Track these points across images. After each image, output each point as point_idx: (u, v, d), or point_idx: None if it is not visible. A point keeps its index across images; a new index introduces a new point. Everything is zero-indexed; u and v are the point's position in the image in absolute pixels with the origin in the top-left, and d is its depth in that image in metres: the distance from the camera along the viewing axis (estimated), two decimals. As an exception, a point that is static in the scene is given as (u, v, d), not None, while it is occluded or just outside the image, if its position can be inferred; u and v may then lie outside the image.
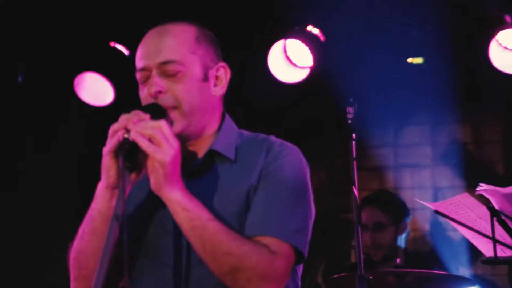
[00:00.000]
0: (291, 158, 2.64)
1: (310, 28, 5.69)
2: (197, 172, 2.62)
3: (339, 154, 6.31)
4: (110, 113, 5.43)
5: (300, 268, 2.71)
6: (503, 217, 3.65)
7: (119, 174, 2.39)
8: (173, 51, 2.58)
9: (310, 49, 5.63)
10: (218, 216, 2.49)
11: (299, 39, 5.65)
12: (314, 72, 5.66)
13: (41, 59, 5.98)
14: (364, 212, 5.27)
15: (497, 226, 3.72)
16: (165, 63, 2.56)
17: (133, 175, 2.44)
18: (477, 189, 3.62)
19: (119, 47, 5.90)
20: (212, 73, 2.65)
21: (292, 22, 5.70)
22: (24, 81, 6.13)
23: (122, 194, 2.29)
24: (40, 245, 5.85)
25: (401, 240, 5.29)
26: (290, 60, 5.75)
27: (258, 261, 2.44)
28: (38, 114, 6.21)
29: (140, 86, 2.62)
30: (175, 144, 2.40)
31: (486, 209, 3.68)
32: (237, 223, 2.53)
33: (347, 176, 4.14)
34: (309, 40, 5.64)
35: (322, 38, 5.67)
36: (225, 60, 2.73)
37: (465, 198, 3.74)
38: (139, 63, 2.61)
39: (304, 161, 2.68)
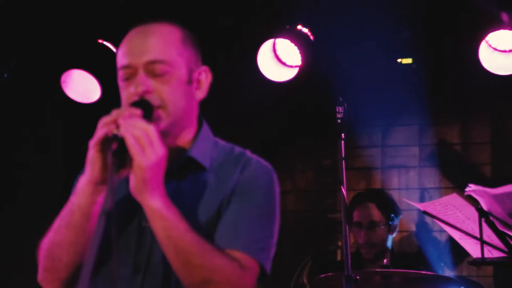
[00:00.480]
0: (266, 178, 2.65)
1: (299, 27, 5.67)
2: (171, 176, 2.58)
3: (327, 154, 6.33)
4: (97, 110, 5.40)
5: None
6: (491, 218, 3.67)
7: (104, 170, 2.37)
8: (161, 51, 2.55)
9: (299, 48, 5.61)
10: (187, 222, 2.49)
11: (289, 38, 5.63)
12: (303, 71, 5.64)
13: (29, 56, 5.93)
14: (359, 210, 5.28)
15: (485, 227, 3.73)
16: (153, 62, 2.53)
17: (120, 172, 2.39)
18: (466, 189, 3.63)
19: (107, 44, 5.86)
20: (195, 76, 2.64)
21: (282, 21, 5.68)
22: (10, 77, 6.07)
23: (111, 189, 2.22)
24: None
25: (390, 241, 5.29)
26: (279, 59, 5.73)
27: (230, 275, 2.46)
28: (24, 111, 6.18)
29: (122, 83, 2.58)
30: (160, 151, 2.35)
31: (475, 210, 3.69)
32: (205, 232, 2.52)
33: (335, 176, 4.14)
34: (298, 39, 5.63)
35: (311, 37, 5.65)
36: (211, 59, 2.72)
37: (454, 198, 3.76)
38: (123, 60, 2.57)
39: (277, 181, 2.70)
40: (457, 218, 3.79)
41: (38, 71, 5.99)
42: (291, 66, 5.70)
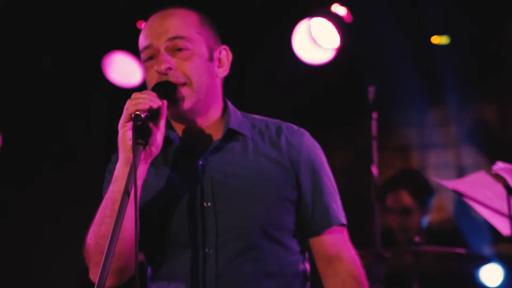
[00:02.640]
0: (316, 144, 2.79)
1: (336, 7, 5.65)
2: (218, 149, 2.68)
3: (364, 133, 6.35)
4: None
5: None
6: (519, 196, 3.68)
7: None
8: (181, 29, 2.64)
9: (336, 29, 5.59)
10: (252, 184, 2.61)
11: (326, 18, 5.60)
12: (340, 53, 5.65)
13: (69, 40, 6.04)
14: (391, 195, 5.25)
15: (514, 205, 3.74)
16: (173, 38, 2.62)
17: (148, 152, 2.48)
18: (494, 167, 3.64)
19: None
20: (215, 54, 2.73)
21: (318, 1, 5.69)
22: (52, 63, 6.19)
23: (134, 169, 2.33)
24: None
25: (425, 221, 5.28)
26: (315, 41, 5.72)
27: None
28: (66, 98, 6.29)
29: (145, 65, 2.67)
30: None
31: (502, 187, 3.71)
32: (272, 189, 2.64)
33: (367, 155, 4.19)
34: (335, 20, 5.61)
35: (348, 18, 5.63)
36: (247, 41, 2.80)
37: (482, 176, 3.78)
38: (144, 42, 2.66)
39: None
40: (485, 195, 3.81)
41: (79, 55, 6.10)
42: (327, 48, 5.69)
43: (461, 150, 6.21)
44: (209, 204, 2.60)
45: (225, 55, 2.76)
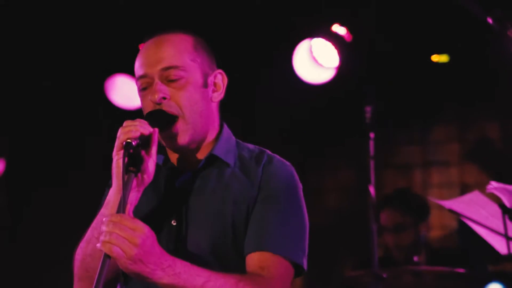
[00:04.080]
0: (288, 175, 2.74)
1: (336, 27, 5.69)
2: (198, 174, 2.71)
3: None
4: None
5: None
6: (514, 215, 3.67)
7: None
8: (175, 58, 2.66)
9: (336, 48, 5.62)
10: (216, 220, 2.62)
11: (325, 39, 5.64)
12: (340, 72, 5.67)
13: (71, 61, 6.09)
14: (384, 213, 5.27)
15: (510, 223, 3.74)
16: (167, 68, 2.64)
17: (140, 179, 2.52)
18: (488, 187, 3.64)
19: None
20: (210, 79, 2.74)
21: (318, 21, 5.71)
22: (53, 84, 6.23)
23: (124, 195, 2.39)
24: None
25: (422, 237, 5.27)
26: (316, 60, 5.75)
27: None
28: (68, 118, 6.33)
29: (141, 94, 2.71)
30: (139, 234, 2.34)
31: (497, 206, 3.70)
32: (227, 228, 2.63)
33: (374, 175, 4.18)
34: (335, 39, 5.64)
35: (348, 37, 5.66)
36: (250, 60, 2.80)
37: (476, 196, 3.78)
38: (139, 70, 2.69)
39: (297, 178, 2.77)
40: (480, 215, 3.81)
41: (81, 77, 6.14)
42: (327, 67, 5.71)
43: (464, 168, 6.19)
44: (173, 223, 2.66)
45: (220, 79, 2.79)
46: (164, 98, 2.62)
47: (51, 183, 6.40)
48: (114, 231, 2.31)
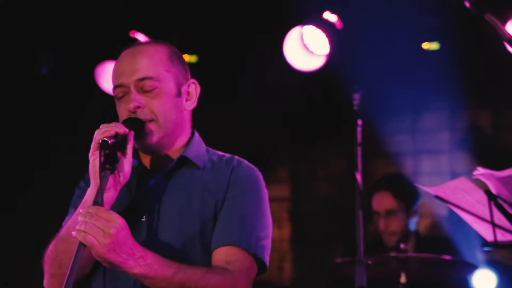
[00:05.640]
0: (255, 177, 2.89)
1: (327, 14, 5.68)
2: (169, 174, 2.85)
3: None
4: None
5: None
6: (500, 201, 3.66)
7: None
8: (150, 69, 2.80)
9: (326, 36, 5.63)
10: (184, 216, 2.75)
11: (316, 26, 5.63)
12: (330, 60, 5.67)
13: (62, 49, 6.09)
14: (376, 198, 5.28)
15: (496, 211, 3.72)
16: (142, 79, 2.78)
17: (117, 178, 2.65)
18: (474, 173, 3.63)
19: (140, 36, 5.98)
20: (184, 89, 2.89)
21: (309, 8, 5.71)
22: (48, 72, 6.23)
23: (101, 189, 2.53)
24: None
25: (413, 224, 5.28)
26: (306, 48, 5.74)
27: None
28: (62, 104, 6.32)
29: (117, 102, 2.83)
30: (113, 225, 2.45)
31: (483, 193, 3.69)
32: (202, 226, 2.76)
33: (353, 162, 4.19)
34: (326, 27, 5.64)
35: (339, 25, 5.66)
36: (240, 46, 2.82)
37: (462, 182, 3.75)
38: (116, 80, 2.83)
39: (263, 182, 2.92)
40: (467, 201, 3.78)
41: (73, 65, 6.14)
42: (318, 55, 5.71)
43: (455, 156, 6.19)
44: (143, 219, 2.78)
45: (193, 88, 2.93)
46: (139, 107, 2.76)
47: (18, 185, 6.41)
48: (90, 221, 2.42)
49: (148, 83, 2.77)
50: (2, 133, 6.32)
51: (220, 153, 2.97)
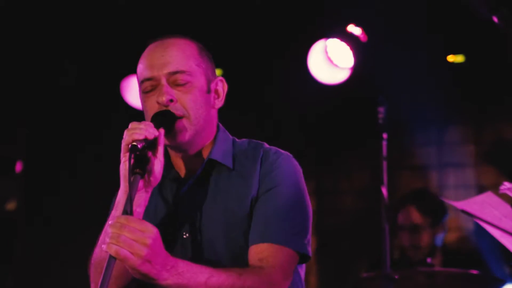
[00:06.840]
0: (286, 165, 2.78)
1: (351, 27, 5.67)
2: (198, 181, 2.76)
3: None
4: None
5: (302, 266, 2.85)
6: (527, 216, 3.62)
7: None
8: (182, 62, 2.71)
9: (351, 49, 5.61)
10: (219, 223, 2.67)
11: (340, 39, 5.62)
12: (355, 73, 5.65)
13: (88, 62, 6.12)
14: (401, 213, 5.25)
15: (523, 226, 3.69)
16: (175, 73, 2.69)
17: (147, 180, 2.56)
18: (501, 187, 3.60)
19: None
20: (212, 86, 2.80)
21: (334, 21, 5.70)
22: (74, 83, 6.27)
23: (130, 197, 2.42)
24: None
25: (439, 240, 5.24)
26: (331, 61, 5.73)
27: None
28: (86, 116, 6.36)
29: (145, 95, 2.73)
30: (147, 237, 2.35)
31: (510, 207, 3.65)
32: (239, 231, 2.68)
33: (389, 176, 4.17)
34: (350, 40, 5.62)
35: (363, 38, 5.64)
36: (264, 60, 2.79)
37: (489, 197, 3.72)
38: (145, 73, 2.72)
39: (298, 166, 2.83)
40: (494, 216, 3.75)
41: (98, 77, 6.17)
42: (343, 68, 5.69)
43: (480, 170, 6.15)
44: (187, 235, 2.70)
45: (221, 86, 2.84)
46: (171, 100, 2.66)
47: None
48: (122, 233, 2.32)
49: (181, 76, 2.68)
50: (32, 141, 6.36)
51: (246, 142, 2.87)
